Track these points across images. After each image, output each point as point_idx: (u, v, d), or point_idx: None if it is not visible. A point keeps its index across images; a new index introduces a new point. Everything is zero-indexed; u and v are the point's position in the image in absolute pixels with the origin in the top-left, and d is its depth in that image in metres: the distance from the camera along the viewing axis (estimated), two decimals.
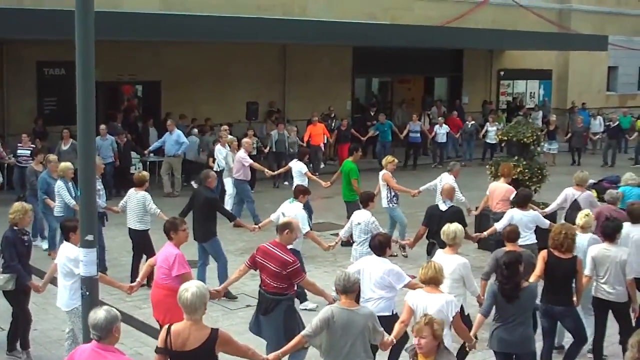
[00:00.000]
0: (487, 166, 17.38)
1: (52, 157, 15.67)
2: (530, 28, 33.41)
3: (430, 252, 12.26)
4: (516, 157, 16.72)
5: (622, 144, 32.19)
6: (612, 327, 10.39)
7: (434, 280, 8.11)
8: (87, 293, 7.56)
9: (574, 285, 9.77)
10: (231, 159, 19.02)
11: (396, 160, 16.22)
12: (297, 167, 17.67)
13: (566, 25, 37.39)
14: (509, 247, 10.11)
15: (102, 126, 20.99)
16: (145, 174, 14.01)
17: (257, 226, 13.80)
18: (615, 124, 30.85)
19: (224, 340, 6.69)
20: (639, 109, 38.54)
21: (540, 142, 17.56)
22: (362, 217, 12.24)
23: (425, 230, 12.83)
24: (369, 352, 7.58)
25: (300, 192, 13.00)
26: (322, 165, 26.20)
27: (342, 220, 17.19)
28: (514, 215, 12.46)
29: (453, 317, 8.06)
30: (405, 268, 11.52)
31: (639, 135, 30.82)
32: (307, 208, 17.04)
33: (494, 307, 8.77)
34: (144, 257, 12.75)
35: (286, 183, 21.57)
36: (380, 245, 9.39)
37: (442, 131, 28.51)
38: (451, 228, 9.74)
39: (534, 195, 16.67)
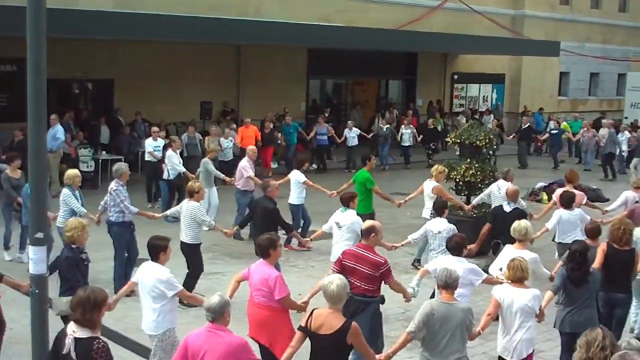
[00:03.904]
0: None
1: None
2: (484, 33, 33.76)
3: (495, 252, 12.67)
4: (469, 160, 16.85)
5: (572, 147, 32.80)
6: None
7: (521, 280, 8.63)
8: (37, 291, 7.48)
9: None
10: (212, 167, 17.90)
11: (446, 170, 15.87)
12: (295, 177, 16.67)
13: (519, 31, 37.82)
14: (589, 242, 10.68)
15: None
16: (197, 184, 12.92)
17: (309, 239, 13.37)
18: (526, 125, 31.37)
19: (354, 333, 7.22)
20: (590, 114, 39.13)
21: (493, 145, 17.72)
22: (441, 225, 12.28)
23: (489, 228, 13.50)
24: (465, 345, 8.01)
25: (350, 200, 12.32)
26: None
27: None
28: (562, 215, 13.23)
29: (539, 310, 8.67)
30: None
31: (549, 137, 31.54)
32: (305, 219, 16.69)
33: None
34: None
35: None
36: (457, 246, 9.76)
37: (352, 135, 27.71)
38: (522, 224, 10.40)
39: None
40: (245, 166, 17.23)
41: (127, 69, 25.55)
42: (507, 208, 13.47)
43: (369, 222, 9.99)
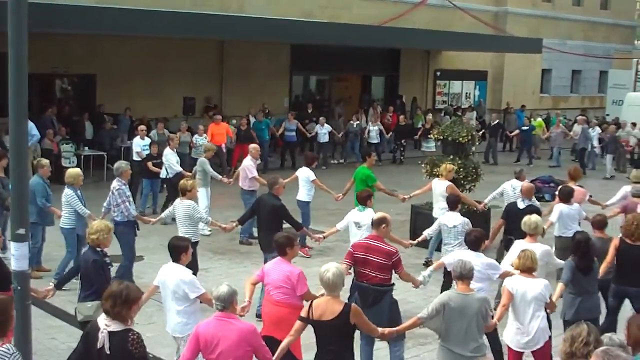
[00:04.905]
0: (423, 165, 17.45)
1: (45, 161, 14.27)
2: (467, 29, 33.84)
3: (507, 247, 12.89)
4: (451, 156, 16.87)
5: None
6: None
7: (530, 270, 8.98)
8: (19, 288, 7.45)
9: None
10: (209, 167, 17.25)
11: (455, 168, 15.72)
12: (304, 175, 16.28)
13: (502, 28, 37.92)
14: (597, 234, 11.38)
15: None
16: (190, 182, 12.73)
17: (322, 236, 13.11)
18: (495, 122, 31.70)
19: (355, 313, 7.61)
20: (572, 111, 39.32)
21: (475, 142, 17.75)
22: (456, 219, 12.55)
23: (503, 223, 13.83)
24: (483, 334, 8.26)
25: (367, 198, 12.34)
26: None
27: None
28: (562, 210, 13.54)
29: (549, 299, 8.99)
30: None
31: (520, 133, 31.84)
32: (306, 219, 16.21)
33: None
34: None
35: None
36: (476, 241, 10.00)
37: (323, 131, 27.60)
38: (532, 219, 10.72)
39: (468, 193, 16.95)
40: (249, 165, 16.77)
41: (109, 64, 25.42)
42: (521, 205, 13.60)
43: (380, 214, 10.29)
